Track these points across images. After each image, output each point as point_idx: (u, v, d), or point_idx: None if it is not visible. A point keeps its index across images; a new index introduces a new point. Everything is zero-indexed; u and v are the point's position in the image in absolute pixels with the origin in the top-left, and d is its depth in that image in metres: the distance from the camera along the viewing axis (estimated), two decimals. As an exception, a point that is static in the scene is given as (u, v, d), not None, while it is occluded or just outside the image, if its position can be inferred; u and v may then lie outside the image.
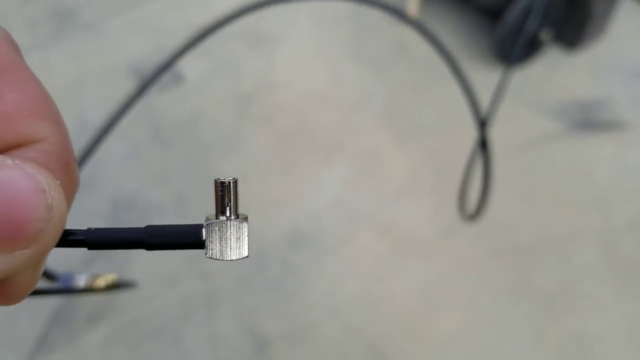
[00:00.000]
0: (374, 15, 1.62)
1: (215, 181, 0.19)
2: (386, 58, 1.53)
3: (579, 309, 1.08)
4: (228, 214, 0.19)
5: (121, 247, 0.19)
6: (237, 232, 0.19)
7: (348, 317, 1.05)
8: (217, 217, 0.19)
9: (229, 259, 0.20)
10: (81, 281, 0.56)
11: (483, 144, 0.74)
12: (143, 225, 0.20)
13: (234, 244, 0.19)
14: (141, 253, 1.12)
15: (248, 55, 1.51)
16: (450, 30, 1.58)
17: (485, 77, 1.41)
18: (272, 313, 1.06)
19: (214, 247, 0.19)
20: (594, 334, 1.05)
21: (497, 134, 1.09)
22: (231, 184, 0.19)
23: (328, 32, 1.58)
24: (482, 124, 0.73)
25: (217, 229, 0.19)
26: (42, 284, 0.58)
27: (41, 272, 0.19)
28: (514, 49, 1.29)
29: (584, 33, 1.42)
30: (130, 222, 1.16)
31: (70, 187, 0.19)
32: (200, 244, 0.19)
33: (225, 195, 0.19)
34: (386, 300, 1.08)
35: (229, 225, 0.19)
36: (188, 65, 1.44)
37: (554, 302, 1.08)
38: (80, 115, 1.30)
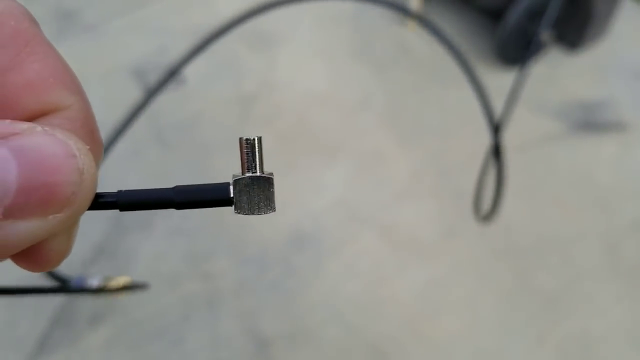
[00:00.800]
0: (376, 16, 1.62)
1: (241, 139, 0.19)
2: (387, 59, 1.53)
3: (581, 310, 1.08)
4: (254, 171, 0.19)
5: (151, 207, 0.19)
6: (265, 187, 0.19)
7: (350, 318, 1.05)
8: (243, 174, 0.19)
9: (258, 214, 0.20)
10: (94, 284, 0.57)
11: (497, 151, 0.74)
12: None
13: (262, 199, 0.20)
14: (142, 253, 1.12)
15: (249, 56, 1.51)
16: (451, 30, 1.58)
17: (486, 78, 1.41)
18: (274, 314, 1.06)
19: (242, 203, 0.19)
20: (596, 334, 1.04)
21: (498, 135, 1.08)
22: (256, 141, 0.19)
23: (329, 33, 1.58)
24: (496, 129, 0.72)
25: (244, 185, 0.19)
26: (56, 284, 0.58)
27: (75, 237, 0.19)
28: (526, 54, 1.29)
29: (585, 34, 1.42)
30: (131, 222, 1.16)
31: (96, 154, 0.19)
32: (228, 201, 0.19)
33: (251, 153, 0.19)
34: (388, 301, 1.08)
35: (256, 181, 0.19)
36: (190, 65, 1.44)
37: (555, 303, 1.08)
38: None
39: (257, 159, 0.19)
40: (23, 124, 0.16)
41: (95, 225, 1.15)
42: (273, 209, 0.20)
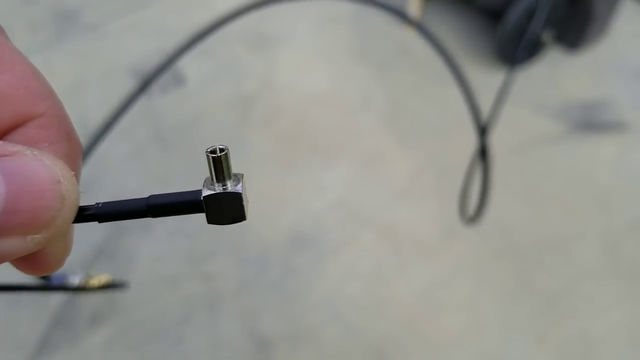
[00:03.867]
0: (375, 17, 1.62)
1: (207, 155, 0.19)
2: (387, 60, 1.53)
3: (581, 310, 1.08)
4: (223, 183, 0.20)
5: (127, 218, 0.20)
6: (233, 201, 0.20)
7: (350, 319, 1.05)
8: (212, 186, 0.20)
9: (230, 224, 0.21)
10: (75, 281, 0.57)
11: (483, 153, 0.74)
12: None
13: (232, 210, 0.20)
14: (141, 254, 1.12)
15: (249, 57, 1.51)
16: (452, 31, 1.58)
17: (486, 78, 1.41)
18: (274, 315, 1.06)
19: (214, 216, 0.20)
20: (596, 335, 1.04)
21: (498, 135, 1.08)
22: (222, 156, 0.19)
23: (329, 34, 1.58)
24: (482, 131, 0.72)
25: (214, 199, 0.20)
26: (38, 281, 0.58)
27: (71, 241, 0.20)
28: (516, 52, 1.29)
29: (585, 34, 1.42)
30: (131, 223, 1.16)
31: (75, 154, 0.20)
32: (200, 209, 0.20)
33: (217, 167, 0.19)
34: (388, 302, 1.08)
35: (225, 196, 0.20)
36: (189, 67, 1.45)
37: (556, 303, 1.08)
38: (82, 117, 1.30)
39: (225, 171, 0.20)
40: (13, 146, 0.16)
41: (95, 226, 1.14)
42: (243, 218, 0.20)
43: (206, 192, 0.20)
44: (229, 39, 1.51)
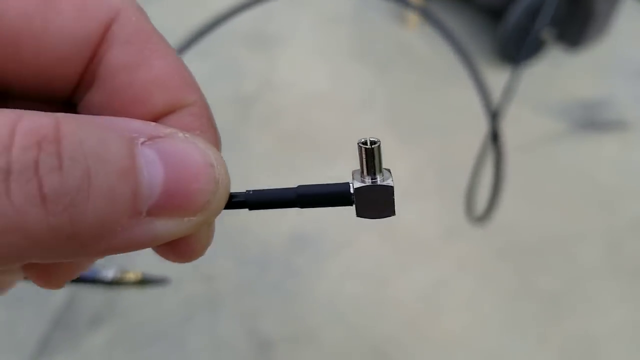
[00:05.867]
0: (376, 16, 1.61)
1: (359, 145, 0.19)
2: (388, 59, 1.52)
3: (583, 310, 1.07)
4: (373, 176, 0.19)
5: (277, 207, 0.20)
6: (384, 194, 0.19)
7: (351, 319, 1.05)
8: (362, 178, 0.19)
9: (378, 218, 0.20)
10: (109, 275, 0.56)
11: (495, 137, 0.73)
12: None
13: (381, 204, 0.20)
14: (142, 254, 1.11)
15: (250, 57, 1.51)
16: (452, 29, 1.58)
17: (487, 76, 1.41)
18: (275, 315, 1.06)
19: (363, 209, 0.20)
20: (598, 334, 1.04)
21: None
22: (374, 150, 0.19)
23: (330, 33, 1.58)
24: (494, 115, 0.72)
25: (364, 191, 0.19)
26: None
27: (213, 231, 0.20)
28: (519, 50, 1.29)
29: (586, 32, 1.41)
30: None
31: (219, 147, 0.20)
32: (349, 202, 0.20)
33: (369, 159, 0.19)
34: (389, 302, 1.08)
35: (376, 189, 0.19)
36: (189, 66, 1.44)
37: (558, 303, 1.08)
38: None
39: (377, 164, 0.19)
40: (165, 128, 0.16)
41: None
42: (393, 213, 0.20)
43: (357, 184, 0.19)
44: (229, 38, 1.51)
